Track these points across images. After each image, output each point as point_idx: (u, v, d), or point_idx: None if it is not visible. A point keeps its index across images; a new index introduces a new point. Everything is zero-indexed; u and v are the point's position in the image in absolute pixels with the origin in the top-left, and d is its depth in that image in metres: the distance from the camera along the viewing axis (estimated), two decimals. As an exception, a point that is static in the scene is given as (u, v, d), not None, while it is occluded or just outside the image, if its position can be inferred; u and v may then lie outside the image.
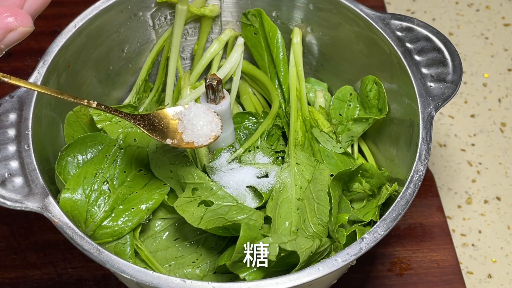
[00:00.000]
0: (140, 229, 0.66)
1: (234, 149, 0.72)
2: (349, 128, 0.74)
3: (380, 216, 0.63)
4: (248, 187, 0.68)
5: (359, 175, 0.69)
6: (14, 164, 0.59)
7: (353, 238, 0.62)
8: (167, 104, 0.78)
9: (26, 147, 0.60)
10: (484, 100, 0.98)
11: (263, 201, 0.67)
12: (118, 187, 0.66)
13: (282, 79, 0.77)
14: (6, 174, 0.58)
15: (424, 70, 0.66)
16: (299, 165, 0.68)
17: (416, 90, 0.64)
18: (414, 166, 0.60)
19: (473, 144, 0.93)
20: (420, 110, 0.63)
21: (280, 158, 0.73)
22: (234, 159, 0.70)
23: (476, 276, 0.81)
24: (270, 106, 0.79)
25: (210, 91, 0.66)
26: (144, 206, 0.65)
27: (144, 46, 0.78)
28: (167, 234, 0.69)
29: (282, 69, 0.77)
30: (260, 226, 0.64)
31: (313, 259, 0.60)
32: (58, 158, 0.65)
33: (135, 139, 0.68)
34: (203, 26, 0.80)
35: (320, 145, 0.73)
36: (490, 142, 0.93)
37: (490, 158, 0.92)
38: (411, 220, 0.83)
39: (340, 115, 0.76)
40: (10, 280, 0.77)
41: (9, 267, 0.78)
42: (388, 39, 0.68)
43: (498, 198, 0.88)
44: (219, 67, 0.79)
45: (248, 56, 0.81)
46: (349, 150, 0.76)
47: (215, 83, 0.65)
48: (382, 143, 0.75)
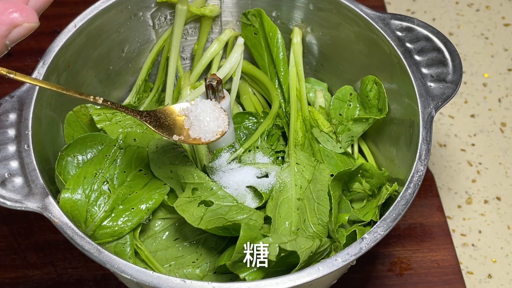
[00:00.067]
0: (140, 229, 0.66)
1: (234, 149, 0.72)
2: (349, 128, 0.74)
3: (380, 216, 0.63)
4: (248, 187, 0.68)
5: (359, 175, 0.69)
6: (14, 164, 0.59)
7: (353, 238, 0.62)
8: (167, 104, 0.78)
9: (26, 147, 0.60)
10: (484, 100, 0.98)
11: (263, 201, 0.67)
12: (118, 187, 0.66)
13: (282, 79, 0.77)
14: (6, 174, 0.58)
15: (424, 70, 0.66)
16: (299, 165, 0.68)
17: (416, 90, 0.64)
18: (414, 166, 0.60)
19: (473, 144, 0.93)
20: (420, 110, 0.63)
21: (280, 158, 0.73)
22: (234, 159, 0.70)
23: (476, 276, 0.81)
24: (270, 106, 0.79)
25: (210, 91, 0.66)
26: (144, 206, 0.65)
27: (144, 46, 0.78)
28: (167, 234, 0.68)
29: (282, 69, 0.77)
30: (260, 226, 0.64)
31: (313, 259, 0.60)
32: (58, 158, 0.65)
33: (135, 139, 0.68)
34: (203, 26, 0.80)
35: (320, 145, 0.73)
36: (490, 142, 0.93)
37: (490, 158, 0.92)
38: (411, 220, 0.83)
39: (340, 115, 0.76)
40: (10, 280, 0.77)
41: (9, 267, 0.78)
42: (388, 39, 0.68)
43: (498, 198, 0.88)
44: (219, 67, 0.79)
45: (248, 56, 0.81)
46: (349, 150, 0.76)
47: (215, 83, 0.65)
48: (382, 143, 0.75)
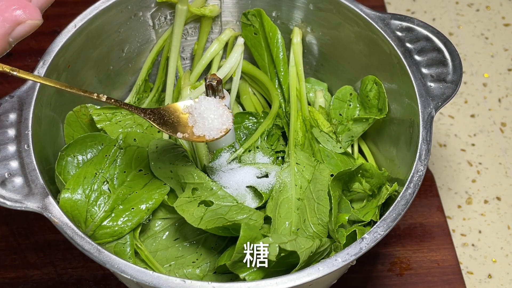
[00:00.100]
0: (140, 229, 0.66)
1: (234, 149, 0.72)
2: (349, 128, 0.74)
3: (380, 216, 0.63)
4: (248, 187, 0.68)
5: (359, 175, 0.69)
6: (14, 164, 0.59)
7: (353, 238, 0.62)
8: (167, 104, 0.78)
9: (26, 147, 0.60)
10: (484, 100, 0.98)
11: (263, 201, 0.67)
12: (118, 187, 0.66)
13: (282, 79, 0.77)
14: (6, 174, 0.58)
15: (424, 70, 0.66)
16: (299, 165, 0.68)
17: (416, 90, 0.64)
18: (414, 166, 0.60)
19: (473, 144, 0.93)
20: (420, 110, 0.63)
21: (280, 158, 0.73)
22: (234, 159, 0.70)
23: (476, 276, 0.81)
24: (270, 106, 0.79)
25: (210, 91, 0.66)
26: (144, 206, 0.65)
27: (144, 46, 0.78)
28: (167, 234, 0.68)
29: (282, 69, 0.77)
30: (260, 226, 0.64)
31: (313, 259, 0.60)
32: (58, 158, 0.65)
33: (135, 139, 0.68)
34: (203, 26, 0.80)
35: (320, 145, 0.73)
36: (490, 142, 0.93)
37: (490, 158, 0.92)
38: (411, 220, 0.83)
39: (340, 115, 0.76)
40: (10, 280, 0.77)
41: (9, 267, 0.78)
42: (388, 39, 0.68)
43: (498, 198, 0.88)
44: (219, 67, 0.79)
45: (248, 56, 0.81)
46: (349, 150, 0.76)
47: (215, 83, 0.65)
48: (382, 143, 0.75)
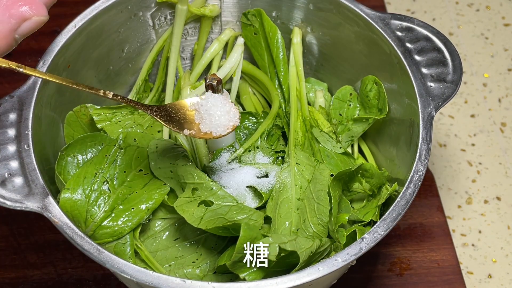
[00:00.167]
0: (140, 229, 0.66)
1: (234, 149, 0.72)
2: (349, 128, 0.74)
3: (380, 216, 0.63)
4: (248, 187, 0.68)
5: (359, 175, 0.69)
6: (14, 164, 0.59)
7: (353, 238, 0.62)
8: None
9: (26, 147, 0.60)
10: (484, 100, 0.98)
11: (263, 201, 0.67)
12: (118, 187, 0.66)
13: (282, 79, 0.77)
14: (6, 174, 0.58)
15: (424, 70, 0.66)
16: (299, 165, 0.68)
17: (416, 90, 0.64)
18: (414, 166, 0.60)
19: (473, 144, 0.93)
20: (420, 110, 0.63)
21: (280, 158, 0.73)
22: (234, 159, 0.70)
23: (476, 276, 0.81)
24: (270, 106, 0.79)
25: (210, 91, 0.66)
26: (144, 206, 0.65)
27: (144, 46, 0.78)
28: (167, 234, 0.68)
29: (282, 69, 0.77)
30: (260, 226, 0.64)
31: (313, 259, 0.60)
32: (58, 158, 0.65)
33: (135, 139, 0.68)
34: (203, 26, 0.80)
35: (320, 145, 0.73)
36: (490, 142, 0.93)
37: (490, 158, 0.92)
38: (411, 220, 0.83)
39: (340, 115, 0.76)
40: (10, 280, 0.77)
41: (9, 267, 0.78)
42: (388, 39, 0.68)
43: (498, 198, 0.88)
44: (219, 67, 0.79)
45: (248, 56, 0.81)
46: (349, 150, 0.76)
47: (215, 83, 0.65)
48: (382, 143, 0.75)
